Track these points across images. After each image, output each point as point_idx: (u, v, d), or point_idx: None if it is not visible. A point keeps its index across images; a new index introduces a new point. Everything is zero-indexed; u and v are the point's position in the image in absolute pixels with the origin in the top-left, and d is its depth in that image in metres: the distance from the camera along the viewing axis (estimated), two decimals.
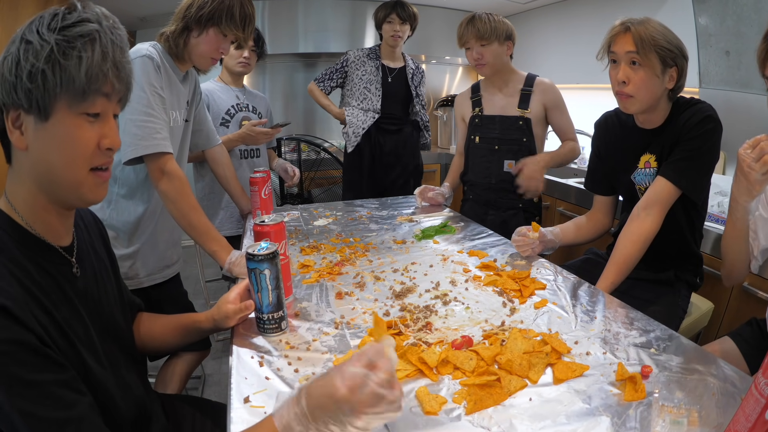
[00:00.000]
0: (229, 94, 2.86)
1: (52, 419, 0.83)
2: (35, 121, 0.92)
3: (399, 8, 3.15)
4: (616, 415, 0.96)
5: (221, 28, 1.78)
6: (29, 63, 0.87)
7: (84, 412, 0.88)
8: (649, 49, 1.61)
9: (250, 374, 1.11)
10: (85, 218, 1.21)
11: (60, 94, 0.90)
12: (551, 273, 1.70)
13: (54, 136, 0.93)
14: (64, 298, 0.97)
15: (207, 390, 2.86)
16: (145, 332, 1.35)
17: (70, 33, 0.89)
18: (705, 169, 1.70)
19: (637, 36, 1.62)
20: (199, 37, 1.80)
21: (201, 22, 1.77)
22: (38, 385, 0.82)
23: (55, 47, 0.88)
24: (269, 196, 2.16)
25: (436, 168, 4.89)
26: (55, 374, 0.85)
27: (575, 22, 4.02)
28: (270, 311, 1.25)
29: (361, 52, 3.27)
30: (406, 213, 2.51)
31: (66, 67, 0.89)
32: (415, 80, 3.37)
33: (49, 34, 0.88)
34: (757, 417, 0.78)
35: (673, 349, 1.20)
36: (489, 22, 2.43)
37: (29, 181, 0.96)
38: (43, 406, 0.82)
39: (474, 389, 1.03)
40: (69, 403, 0.86)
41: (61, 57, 0.88)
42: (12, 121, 0.92)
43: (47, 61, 0.88)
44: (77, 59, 0.90)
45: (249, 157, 2.92)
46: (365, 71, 3.20)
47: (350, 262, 1.80)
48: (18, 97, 0.89)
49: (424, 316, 1.37)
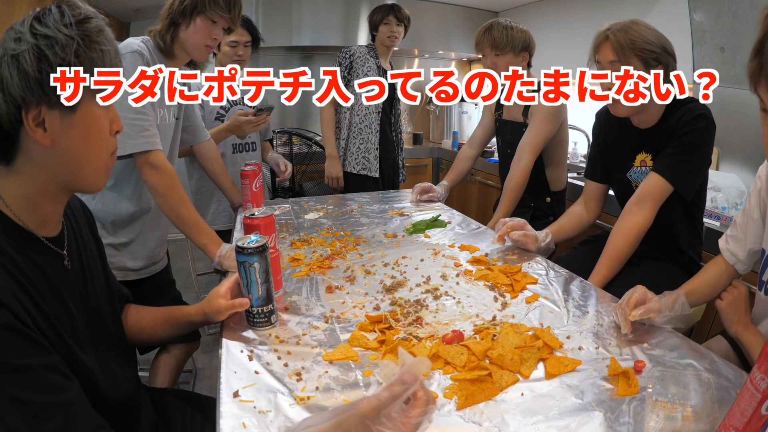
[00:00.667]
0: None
1: (40, 403, 0.82)
2: (61, 115, 0.92)
3: (396, 11, 3.19)
4: (609, 410, 0.95)
5: (207, 14, 1.77)
6: (58, 57, 0.89)
7: (73, 396, 0.88)
8: (630, 55, 1.65)
9: (239, 368, 1.10)
10: (73, 206, 1.19)
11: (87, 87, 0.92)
12: (543, 267, 1.69)
13: (82, 127, 0.96)
14: (51, 289, 0.96)
15: (198, 384, 2.85)
16: (134, 323, 1.34)
17: (86, 28, 0.93)
18: (696, 166, 1.72)
19: (617, 44, 1.66)
20: (188, 29, 1.79)
21: (186, 14, 1.76)
22: (26, 369, 0.81)
23: (81, 41, 0.91)
24: (260, 189, 2.14)
25: (427, 162, 4.89)
26: (43, 358, 0.85)
27: (570, 17, 4.01)
28: (260, 305, 1.24)
29: (363, 48, 3.26)
30: (398, 207, 2.50)
31: (93, 59, 0.93)
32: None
33: (69, 29, 0.90)
34: (753, 411, 0.78)
35: (666, 344, 1.20)
36: (506, 32, 2.43)
37: (44, 174, 0.96)
38: (31, 390, 0.81)
39: (465, 384, 1.02)
40: (58, 387, 0.86)
41: (88, 50, 0.92)
42: (33, 119, 0.91)
43: (76, 55, 0.90)
44: (100, 52, 0.94)
45: (243, 150, 2.89)
46: (369, 67, 3.20)
47: (341, 256, 1.78)
48: (45, 92, 0.89)
49: (414, 311, 1.35)
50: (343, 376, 1.07)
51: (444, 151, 4.84)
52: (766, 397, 0.76)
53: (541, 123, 2.41)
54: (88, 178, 1.01)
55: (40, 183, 0.96)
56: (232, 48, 2.72)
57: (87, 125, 0.96)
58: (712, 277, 1.49)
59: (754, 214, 1.41)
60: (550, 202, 2.63)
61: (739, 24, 2.62)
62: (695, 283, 1.47)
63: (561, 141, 2.56)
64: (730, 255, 1.48)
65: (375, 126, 3.24)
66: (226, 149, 2.79)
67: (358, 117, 3.23)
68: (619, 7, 3.50)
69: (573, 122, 3.48)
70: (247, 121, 2.47)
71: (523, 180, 2.42)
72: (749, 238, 1.43)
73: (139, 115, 1.67)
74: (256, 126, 2.53)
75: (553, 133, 2.45)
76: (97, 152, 1.00)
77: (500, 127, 2.72)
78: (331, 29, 4.57)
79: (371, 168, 3.27)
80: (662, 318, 1.26)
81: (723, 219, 2.33)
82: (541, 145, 2.43)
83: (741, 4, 2.59)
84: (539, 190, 2.60)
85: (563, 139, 2.58)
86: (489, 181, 4.07)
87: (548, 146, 2.49)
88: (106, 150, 1.03)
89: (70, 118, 0.93)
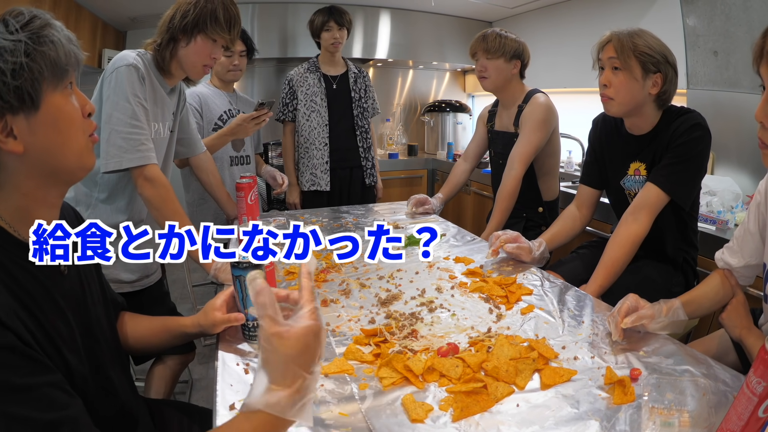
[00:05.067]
0: (222, 99, 2.85)
1: (46, 421, 0.82)
2: (26, 116, 0.92)
3: (336, 15, 3.19)
4: (605, 419, 0.95)
5: (208, 34, 1.78)
6: (9, 63, 0.88)
7: (77, 412, 0.88)
8: (629, 55, 1.69)
9: (235, 381, 1.10)
10: (67, 214, 1.19)
11: (46, 79, 0.92)
12: (538, 278, 1.69)
13: (49, 121, 0.95)
14: (49, 299, 0.96)
15: (195, 395, 2.85)
16: (130, 332, 1.33)
17: (31, 27, 0.92)
18: (693, 176, 1.74)
19: (618, 43, 1.71)
20: (188, 47, 1.80)
21: (187, 31, 1.77)
22: (31, 388, 0.81)
23: (29, 41, 0.90)
24: (255, 202, 2.14)
25: (422, 173, 4.89)
26: (46, 376, 0.85)
27: (563, 26, 4.03)
28: (255, 318, 1.23)
29: (302, 68, 3.29)
30: (393, 219, 2.50)
31: (45, 52, 0.92)
32: (358, 84, 3.39)
33: (15, 35, 0.90)
34: (749, 415, 0.79)
35: (662, 351, 1.20)
36: (499, 39, 2.45)
37: (27, 181, 0.96)
38: (36, 409, 0.81)
39: (460, 396, 1.02)
40: (62, 404, 0.85)
41: (38, 46, 0.91)
42: (1, 131, 0.90)
43: (27, 54, 0.90)
44: (51, 43, 0.93)
45: (239, 164, 2.90)
46: (309, 85, 3.23)
47: (335, 269, 1.78)
48: (6, 99, 0.89)
49: (409, 324, 1.35)
50: (339, 389, 1.07)
51: (439, 162, 4.85)
52: (762, 400, 0.77)
53: (530, 132, 2.42)
54: (71, 165, 1.00)
55: (26, 191, 0.96)
56: (228, 58, 2.74)
57: (54, 118, 0.95)
58: (710, 289, 1.49)
59: (752, 228, 1.42)
60: (542, 212, 2.63)
61: (732, 27, 2.64)
62: (693, 294, 1.47)
63: (553, 151, 2.57)
64: (723, 264, 1.49)
65: (322, 141, 3.26)
66: (223, 162, 2.79)
67: (302, 137, 3.27)
68: (612, 15, 3.52)
69: (567, 131, 3.49)
70: (248, 118, 2.46)
71: (514, 190, 2.42)
72: (745, 251, 1.44)
73: (135, 129, 1.67)
74: (258, 123, 2.51)
75: (544, 142, 2.45)
76: (73, 139, 0.99)
77: (492, 138, 2.72)
78: None
79: (320, 182, 3.29)
80: (656, 324, 1.27)
81: (719, 223, 2.34)
82: (532, 154, 2.44)
83: (734, 8, 2.61)
84: (532, 201, 2.61)
85: (555, 149, 2.58)
86: (484, 192, 4.07)
87: (540, 156, 2.50)
88: (82, 133, 1.02)
89: (35, 116, 0.92)
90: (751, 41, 1.00)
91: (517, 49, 2.47)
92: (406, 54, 4.87)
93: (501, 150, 2.63)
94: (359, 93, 3.38)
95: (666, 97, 1.76)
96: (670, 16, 3.00)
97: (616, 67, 1.72)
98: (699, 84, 2.89)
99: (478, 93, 5.54)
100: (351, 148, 3.39)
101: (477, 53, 2.51)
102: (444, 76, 5.55)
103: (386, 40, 4.76)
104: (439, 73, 5.53)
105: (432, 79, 5.52)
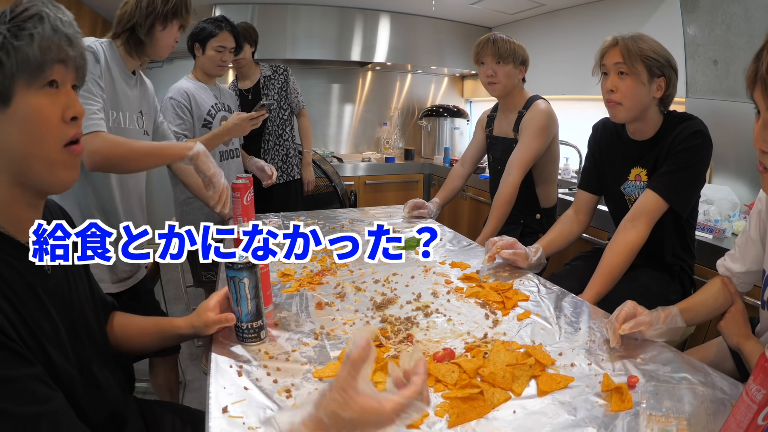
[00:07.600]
0: (208, 94, 2.83)
1: (26, 414, 0.81)
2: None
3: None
4: (602, 426, 0.94)
5: (181, 20, 1.92)
6: None
7: (58, 407, 0.87)
8: (636, 59, 1.68)
9: (228, 383, 1.09)
10: (53, 212, 1.18)
11: (17, 75, 0.89)
12: (534, 284, 1.68)
13: (18, 119, 0.91)
14: (33, 295, 0.95)
15: (188, 396, 2.84)
16: (120, 332, 1.32)
17: (19, 18, 0.90)
18: (692, 183, 1.74)
19: (624, 48, 1.70)
20: (164, 31, 1.89)
21: (167, 17, 1.87)
22: (10, 381, 0.80)
23: (7, 34, 0.88)
24: (251, 203, 2.13)
25: (419, 178, 4.89)
26: (27, 369, 0.84)
27: (563, 33, 4.04)
28: (249, 320, 1.22)
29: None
30: (388, 223, 2.48)
31: (20, 47, 0.89)
32: (268, 87, 3.45)
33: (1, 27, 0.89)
34: (749, 422, 0.79)
35: (660, 358, 1.19)
36: (509, 44, 2.44)
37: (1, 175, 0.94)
38: (15, 402, 0.80)
39: (456, 402, 1.01)
40: (43, 397, 0.84)
41: (14, 40, 0.88)
42: None
43: (1, 48, 0.88)
44: (29, 37, 0.90)
45: (230, 158, 2.89)
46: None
47: (331, 272, 1.77)
48: None
49: (405, 328, 1.34)
50: None
51: (435, 167, 4.85)
52: (762, 408, 0.77)
53: (530, 139, 2.41)
54: (40, 175, 0.95)
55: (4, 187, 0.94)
56: (218, 53, 2.75)
57: (22, 118, 0.91)
58: (709, 297, 1.48)
59: (753, 235, 1.41)
60: (540, 218, 2.62)
61: (733, 37, 2.65)
62: (691, 302, 1.46)
63: (552, 158, 2.56)
64: (724, 269, 1.49)
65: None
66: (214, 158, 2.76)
67: None
68: (612, 23, 3.53)
69: (565, 138, 3.49)
70: (247, 118, 2.46)
71: (511, 196, 2.42)
72: (747, 258, 1.44)
73: (87, 100, 1.65)
74: (255, 124, 2.52)
75: (543, 149, 2.45)
76: (43, 142, 0.94)
77: (491, 143, 2.71)
78: (325, 43, 4.60)
79: None
80: (653, 331, 1.26)
81: (716, 232, 2.34)
82: (531, 161, 2.43)
83: (735, 17, 2.62)
84: (529, 207, 2.60)
85: (554, 156, 2.58)
86: (480, 197, 4.08)
87: (539, 163, 2.49)
88: (54, 140, 0.95)
89: (5, 112, 0.90)
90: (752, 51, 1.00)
91: (524, 55, 2.48)
92: (404, 58, 4.88)
93: (499, 155, 2.62)
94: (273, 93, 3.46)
95: (668, 100, 1.77)
96: (670, 25, 3.01)
97: (622, 71, 1.71)
98: (698, 93, 2.90)
99: (477, 98, 5.55)
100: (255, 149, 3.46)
101: (485, 57, 2.47)
102: (442, 80, 5.56)
103: (385, 44, 4.77)
104: (437, 78, 5.55)
105: (430, 84, 5.53)
